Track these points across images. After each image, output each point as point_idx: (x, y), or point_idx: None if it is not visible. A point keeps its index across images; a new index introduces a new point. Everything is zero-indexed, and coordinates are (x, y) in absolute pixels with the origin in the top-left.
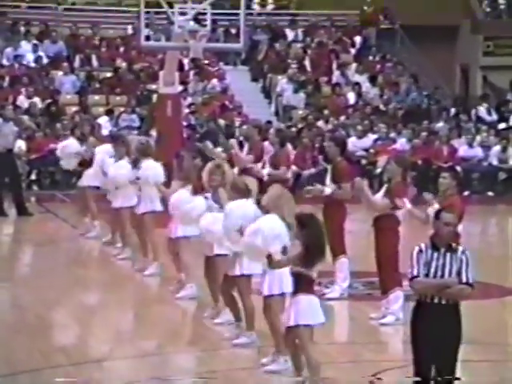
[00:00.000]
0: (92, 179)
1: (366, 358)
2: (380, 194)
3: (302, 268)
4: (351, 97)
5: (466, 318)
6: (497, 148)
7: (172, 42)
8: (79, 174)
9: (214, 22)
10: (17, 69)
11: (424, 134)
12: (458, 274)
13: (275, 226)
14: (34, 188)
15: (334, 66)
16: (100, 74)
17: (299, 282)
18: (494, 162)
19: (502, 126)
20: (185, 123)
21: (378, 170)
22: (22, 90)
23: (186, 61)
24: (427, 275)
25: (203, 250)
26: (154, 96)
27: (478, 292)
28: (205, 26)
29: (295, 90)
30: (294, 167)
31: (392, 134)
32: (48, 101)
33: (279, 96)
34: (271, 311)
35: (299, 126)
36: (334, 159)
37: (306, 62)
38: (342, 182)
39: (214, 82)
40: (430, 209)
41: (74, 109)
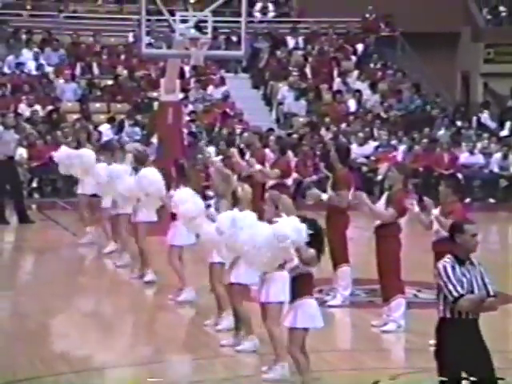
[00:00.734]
0: (89, 187)
1: (368, 365)
2: (381, 202)
3: (311, 271)
4: (352, 104)
5: None
6: (498, 155)
7: (173, 50)
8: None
9: (215, 29)
10: (18, 77)
11: (425, 141)
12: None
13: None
14: (36, 196)
15: (335, 73)
16: (101, 81)
17: (302, 286)
18: (495, 169)
19: (505, 133)
20: (186, 131)
21: (379, 178)
22: (24, 97)
23: (187, 68)
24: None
25: (206, 257)
26: (155, 104)
27: None
28: (206, 33)
29: (296, 98)
30: (295, 174)
31: (393, 142)
32: (49, 108)
33: (280, 103)
34: (270, 318)
35: (300, 133)
36: (335, 167)
37: (307, 70)
38: (341, 189)
39: (215, 89)
40: (433, 215)
41: (75, 116)
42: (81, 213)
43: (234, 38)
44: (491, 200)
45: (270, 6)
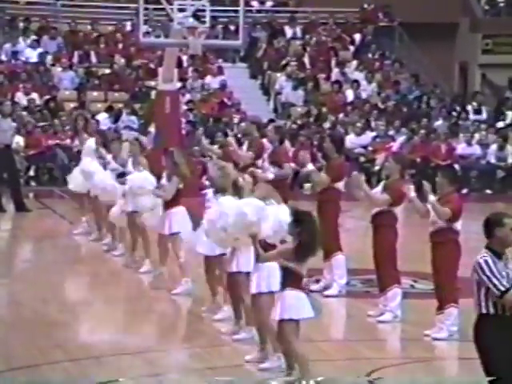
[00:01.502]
0: (80, 185)
1: (364, 355)
2: (377, 189)
3: (293, 263)
4: (350, 94)
5: (466, 317)
6: (494, 146)
7: (171, 39)
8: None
9: (213, 18)
10: (15, 65)
11: (422, 131)
12: None
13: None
14: (32, 184)
15: (333, 63)
16: (99, 70)
17: (287, 277)
18: (492, 160)
19: (501, 124)
20: (184, 120)
21: (377, 168)
22: (21, 86)
23: (184, 57)
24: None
25: (203, 249)
26: (153, 92)
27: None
28: (204, 22)
29: (294, 88)
30: (292, 164)
31: (391, 132)
32: (46, 97)
33: (278, 93)
34: (259, 309)
35: (298, 122)
36: (330, 156)
37: (305, 60)
38: (334, 179)
39: (213, 78)
40: (430, 201)
41: (73, 105)
42: (80, 201)
43: (232, 28)
44: (488, 191)
45: None
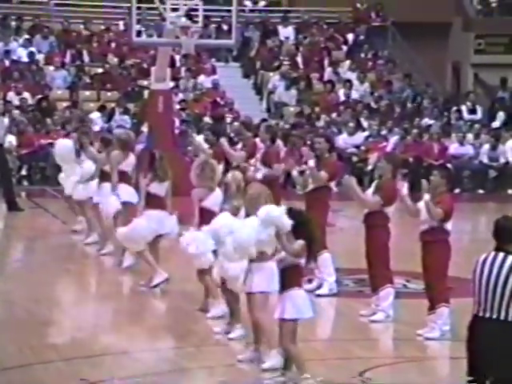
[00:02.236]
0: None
1: (356, 354)
2: (370, 191)
3: (301, 262)
4: (342, 94)
5: (457, 316)
6: (487, 146)
7: (164, 38)
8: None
9: (205, 18)
10: (8, 64)
11: (415, 131)
12: None
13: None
14: (25, 183)
15: (326, 63)
16: (91, 69)
17: (293, 276)
18: (485, 160)
19: (496, 124)
20: (177, 119)
21: (369, 168)
22: (13, 85)
23: (177, 57)
24: None
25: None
26: (146, 92)
27: (470, 289)
28: (197, 22)
29: (287, 87)
30: (282, 165)
31: (383, 132)
32: (39, 96)
33: (271, 93)
34: (255, 308)
35: (290, 122)
36: (322, 155)
37: (298, 59)
38: (329, 178)
39: (206, 78)
40: (421, 203)
41: (65, 104)
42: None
43: (225, 27)
44: (480, 191)
45: None
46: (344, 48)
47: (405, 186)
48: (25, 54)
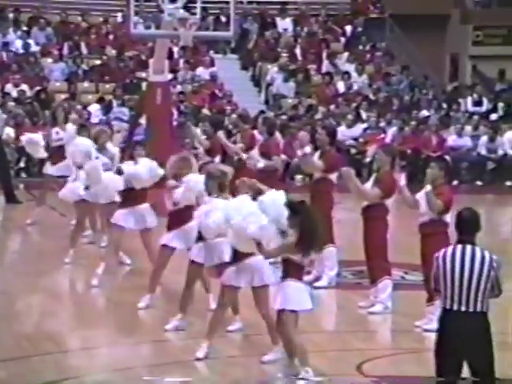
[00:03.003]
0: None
1: (354, 346)
2: (369, 184)
3: (297, 255)
4: (341, 86)
5: None
6: (485, 138)
7: (162, 30)
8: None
9: (204, 10)
10: (5, 56)
11: (413, 123)
12: None
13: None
14: (23, 175)
15: (324, 55)
16: (89, 61)
17: (289, 268)
18: (483, 152)
19: (494, 116)
20: (175, 111)
21: (368, 160)
22: (11, 77)
23: (175, 49)
24: None
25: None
26: (144, 84)
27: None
28: (195, 14)
29: (285, 79)
30: (283, 156)
31: (382, 124)
32: (37, 88)
33: (269, 85)
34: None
35: (289, 114)
36: (323, 148)
37: (297, 51)
38: (327, 170)
39: (204, 70)
40: (420, 194)
41: (63, 96)
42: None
43: (223, 19)
44: (478, 182)
45: None
46: (342, 40)
47: (403, 177)
48: (22, 46)
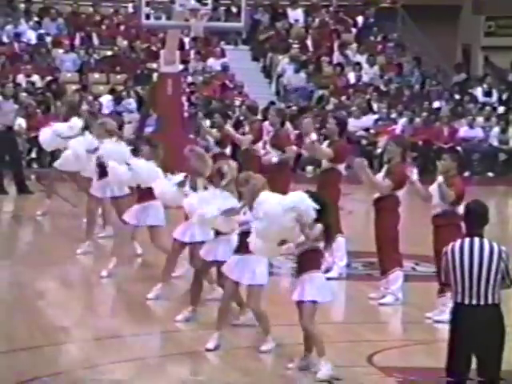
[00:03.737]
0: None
1: (365, 337)
2: (380, 175)
3: (319, 246)
4: (352, 77)
5: None
6: (497, 129)
7: (173, 21)
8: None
9: (215, 0)
10: (17, 47)
11: (424, 114)
12: None
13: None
14: (34, 166)
15: (336, 46)
16: (100, 52)
17: (312, 259)
18: (495, 143)
19: (503, 108)
20: (186, 102)
21: (379, 151)
22: (22, 67)
23: (186, 40)
24: None
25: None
26: (155, 75)
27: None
28: (206, 4)
29: (296, 70)
30: (294, 147)
31: (393, 115)
32: (48, 79)
33: (280, 76)
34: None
35: (300, 105)
36: (333, 139)
37: (308, 42)
38: (336, 161)
39: (215, 61)
40: (432, 186)
41: (75, 87)
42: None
43: (234, 10)
44: (490, 174)
45: None
46: (353, 31)
47: (414, 172)
48: (34, 37)
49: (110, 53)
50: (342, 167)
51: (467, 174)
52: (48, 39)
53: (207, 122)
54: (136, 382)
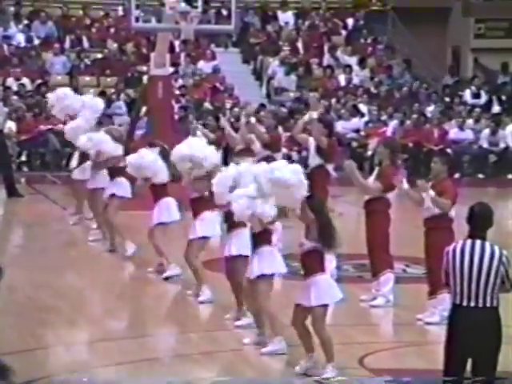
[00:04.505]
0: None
1: (356, 339)
2: (372, 178)
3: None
4: (342, 79)
5: None
6: (487, 131)
7: (163, 24)
8: (68, 156)
9: (205, 3)
10: (6, 49)
11: (414, 116)
12: None
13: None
14: (24, 169)
15: (326, 48)
16: (91, 55)
17: (314, 262)
18: (485, 145)
19: (496, 109)
20: (177, 105)
21: (369, 153)
22: (12, 70)
23: (176, 42)
24: None
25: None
26: (145, 78)
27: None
28: (196, 7)
29: (286, 73)
30: (284, 149)
31: (383, 117)
32: (38, 82)
33: (270, 78)
34: (257, 293)
35: (290, 107)
36: (321, 140)
37: (298, 44)
38: (327, 160)
39: (205, 63)
40: (425, 194)
41: None
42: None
43: (225, 12)
44: (480, 175)
45: None
46: (343, 33)
47: (403, 182)
48: (24, 40)
49: (100, 56)
50: (330, 167)
51: (457, 175)
52: (38, 42)
53: (200, 126)
54: None
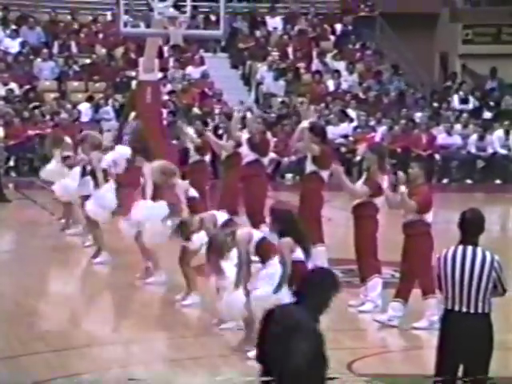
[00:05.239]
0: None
1: (345, 345)
2: (360, 183)
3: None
4: (331, 84)
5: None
6: (475, 136)
7: (152, 29)
8: None
9: (193, 8)
10: None
11: (403, 122)
12: None
13: None
14: (12, 174)
15: (314, 53)
16: (79, 60)
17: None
18: (473, 150)
19: (488, 115)
20: (165, 110)
21: (358, 158)
22: (0, 76)
23: (165, 48)
24: None
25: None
26: (134, 83)
27: (437, 285)
28: (185, 12)
29: (275, 78)
30: (273, 154)
31: (372, 122)
32: (26, 87)
33: (259, 83)
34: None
35: (278, 112)
36: (311, 146)
37: (287, 50)
38: (322, 166)
39: (194, 69)
40: (400, 190)
41: (53, 95)
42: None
43: (213, 18)
44: (468, 181)
45: None
46: (332, 38)
47: (385, 179)
48: (12, 45)
49: (88, 61)
50: (325, 174)
51: (446, 181)
52: (26, 47)
53: (189, 130)
54: None
